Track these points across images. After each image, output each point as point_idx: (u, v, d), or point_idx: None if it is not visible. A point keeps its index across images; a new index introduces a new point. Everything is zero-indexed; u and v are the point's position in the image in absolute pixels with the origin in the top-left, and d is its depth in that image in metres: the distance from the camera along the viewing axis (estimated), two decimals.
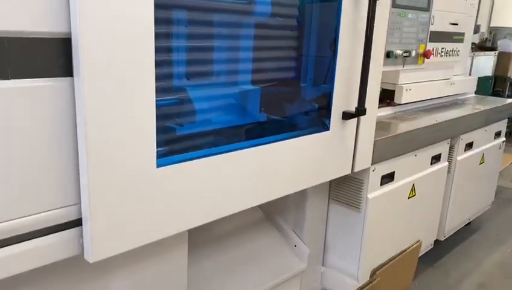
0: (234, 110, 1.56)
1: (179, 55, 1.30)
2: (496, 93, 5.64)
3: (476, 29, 6.23)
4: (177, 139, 1.25)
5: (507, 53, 5.39)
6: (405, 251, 1.52)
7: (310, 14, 1.61)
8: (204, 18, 1.36)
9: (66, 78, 0.96)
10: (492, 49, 5.48)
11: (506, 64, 5.37)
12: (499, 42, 5.61)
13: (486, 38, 5.74)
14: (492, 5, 6.48)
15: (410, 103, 2.46)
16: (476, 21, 6.46)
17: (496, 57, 5.32)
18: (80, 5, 0.90)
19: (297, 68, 1.68)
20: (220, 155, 1.29)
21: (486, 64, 5.29)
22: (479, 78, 5.14)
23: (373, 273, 1.38)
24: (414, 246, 1.55)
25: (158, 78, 1.07)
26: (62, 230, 1.02)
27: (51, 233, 1.01)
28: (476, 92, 4.76)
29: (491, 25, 6.41)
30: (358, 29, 1.56)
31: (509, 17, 6.73)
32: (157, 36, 1.05)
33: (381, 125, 2.12)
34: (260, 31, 1.53)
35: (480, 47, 5.52)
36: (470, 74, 4.87)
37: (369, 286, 1.33)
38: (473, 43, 5.39)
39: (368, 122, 1.75)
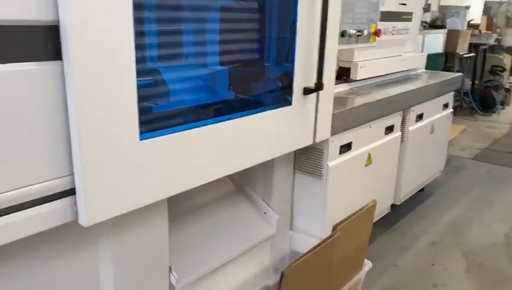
0: (204, 89, 1.69)
1: (153, 39, 1.42)
2: (447, 69, 5.99)
3: (427, 8, 6.55)
4: (156, 117, 1.38)
5: (455, 30, 5.72)
6: (362, 209, 1.72)
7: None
8: (175, 3, 1.47)
9: (56, 61, 1.06)
10: (442, 27, 5.79)
11: (455, 41, 5.70)
12: (447, 20, 5.93)
13: (437, 17, 6.04)
14: None
15: (365, 79, 2.66)
16: (427, 0, 6.80)
17: (445, 34, 5.64)
18: None
19: (261, 49, 1.82)
20: (193, 129, 1.43)
21: (437, 41, 5.60)
22: (431, 55, 5.47)
23: (334, 228, 1.57)
24: (370, 205, 1.75)
25: (136, 60, 1.19)
26: (57, 199, 1.14)
27: (47, 202, 1.13)
28: (429, 68, 5.07)
29: (441, 4, 6.74)
30: (314, 11, 1.72)
31: None
32: (135, 21, 1.16)
33: (339, 100, 2.31)
34: (225, 14, 1.66)
35: (431, 25, 5.83)
36: (422, 51, 5.16)
37: (331, 239, 1.52)
38: (424, 22, 5.69)
39: (327, 97, 1.93)
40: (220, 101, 1.72)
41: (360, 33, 2.13)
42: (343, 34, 2.02)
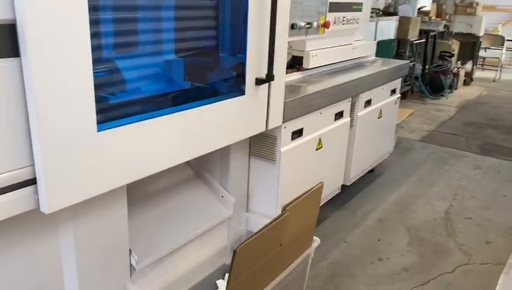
0: (161, 78, 1.77)
1: (108, 29, 1.48)
2: (399, 54, 6.26)
3: None
4: (113, 108, 1.45)
5: (407, 17, 5.96)
6: (310, 190, 1.86)
7: None
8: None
9: (14, 58, 1.12)
10: (395, 14, 6.02)
11: (406, 28, 5.94)
12: (399, 7, 6.16)
13: (390, 4, 6.27)
14: None
15: (317, 67, 2.79)
16: None
17: (397, 21, 5.87)
18: None
19: (216, 39, 1.91)
20: (150, 120, 1.52)
21: (389, 28, 5.83)
22: (384, 41, 5.69)
23: (283, 208, 1.70)
24: (317, 186, 1.89)
25: (92, 52, 1.26)
26: (19, 188, 1.21)
27: (9, 191, 1.19)
28: (381, 54, 5.29)
29: None
30: (264, 5, 1.81)
31: None
32: (90, 17, 1.23)
33: (292, 89, 2.44)
34: (180, 4, 1.73)
35: (384, 12, 6.04)
36: (375, 38, 5.38)
37: (280, 219, 1.65)
38: (378, 9, 5.89)
39: (278, 87, 2.05)
40: (176, 91, 1.80)
41: (309, 25, 2.25)
42: (293, 26, 2.14)
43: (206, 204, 2.23)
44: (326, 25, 2.38)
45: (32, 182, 1.23)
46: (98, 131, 1.31)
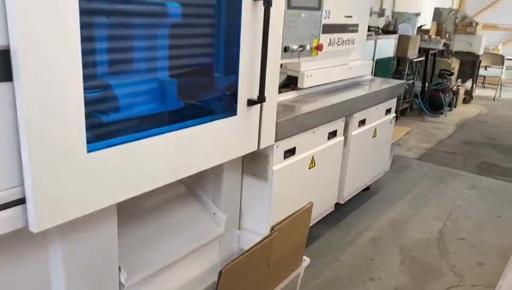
0: (154, 100, 1.80)
1: (101, 55, 1.52)
2: (398, 72, 6.31)
3: (381, 13, 6.87)
4: (104, 129, 1.48)
5: (406, 36, 6.02)
6: (299, 210, 1.88)
7: (218, 16, 1.88)
8: (125, 22, 1.58)
9: (7, 82, 1.16)
10: (394, 32, 6.08)
11: (405, 46, 6.00)
12: (399, 26, 6.23)
13: (390, 22, 6.34)
14: None
15: (312, 87, 2.84)
16: (382, 5, 7.12)
17: (396, 39, 5.93)
18: (17, 23, 1.10)
19: (209, 61, 1.95)
20: (144, 140, 1.55)
21: (389, 46, 5.89)
22: (383, 59, 5.74)
23: (272, 228, 1.73)
24: (307, 206, 1.92)
25: (83, 79, 1.30)
26: (9, 207, 1.24)
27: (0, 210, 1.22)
28: (380, 71, 5.35)
29: (395, 10, 7.06)
30: (256, 30, 1.86)
31: (409, 4, 7.46)
32: (83, 40, 1.27)
33: (286, 108, 2.48)
34: (175, 31, 1.77)
35: (384, 30, 6.11)
36: (374, 56, 5.44)
37: (268, 239, 1.68)
38: (377, 27, 5.96)
39: (270, 107, 2.08)
40: (168, 112, 1.84)
41: (302, 48, 2.29)
42: (286, 49, 2.18)
43: (198, 221, 2.25)
44: (319, 47, 2.43)
45: (22, 201, 1.26)
46: (88, 152, 1.34)
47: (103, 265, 1.68)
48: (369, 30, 5.09)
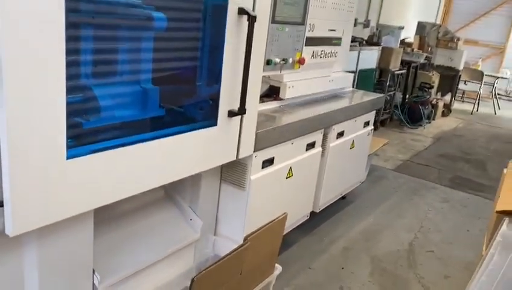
0: (134, 108, 1.83)
1: (85, 63, 1.54)
2: (380, 83, 6.45)
3: (367, 24, 6.99)
4: (84, 137, 1.51)
5: (389, 48, 6.16)
6: (273, 221, 1.94)
7: (203, 27, 1.91)
8: (110, 33, 1.61)
9: None
10: (378, 44, 6.21)
11: (388, 58, 6.14)
12: (383, 38, 6.36)
13: (374, 33, 6.46)
14: (381, 5, 7.27)
15: (293, 97, 2.90)
16: (367, 16, 7.24)
17: (379, 51, 6.06)
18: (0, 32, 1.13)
19: (192, 74, 1.99)
20: (123, 147, 1.58)
21: (372, 57, 6.01)
22: (365, 70, 5.86)
23: (245, 238, 1.78)
24: (281, 217, 1.98)
25: (68, 85, 1.33)
26: None
27: None
28: (362, 82, 5.46)
29: (380, 22, 7.20)
30: (240, 43, 1.91)
31: (393, 17, 7.62)
32: (68, 51, 1.30)
33: (267, 118, 2.53)
34: (160, 41, 1.81)
35: (368, 42, 6.23)
36: (356, 67, 5.54)
37: (241, 249, 1.73)
38: (362, 38, 6.07)
39: (250, 118, 2.13)
40: (150, 120, 1.87)
41: (284, 61, 2.35)
42: (268, 62, 2.23)
43: (175, 226, 2.29)
44: (301, 61, 2.49)
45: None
46: (67, 159, 1.37)
47: (77, 267, 1.71)
48: (353, 41, 5.20)
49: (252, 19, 1.84)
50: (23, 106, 1.22)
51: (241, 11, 1.82)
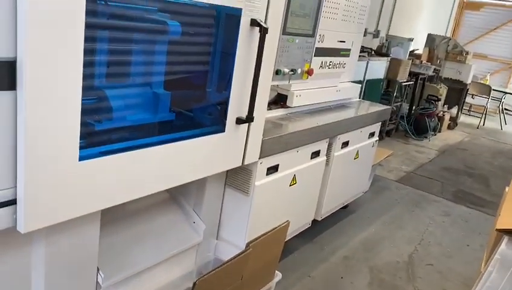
0: (148, 111, 1.88)
1: (100, 69, 1.59)
2: (387, 94, 6.48)
3: (376, 35, 7.02)
4: (96, 140, 1.56)
5: (397, 60, 6.18)
6: (275, 228, 1.97)
7: (216, 36, 1.96)
8: (126, 37, 1.65)
9: (9, 91, 1.23)
10: (386, 55, 6.24)
11: (396, 69, 6.16)
12: (392, 49, 6.39)
13: (383, 44, 6.49)
14: (392, 16, 7.30)
15: (300, 106, 2.93)
16: (377, 26, 7.28)
17: (388, 62, 6.09)
18: (26, 37, 1.18)
19: (203, 81, 2.03)
20: (133, 151, 1.63)
21: (380, 68, 6.04)
22: (373, 80, 5.88)
23: (248, 245, 1.81)
24: (283, 225, 2.01)
25: (84, 89, 1.37)
26: (0, 207, 1.30)
27: None
28: (370, 92, 5.49)
29: (390, 33, 7.23)
30: (251, 53, 1.95)
31: (403, 29, 7.64)
32: (85, 53, 1.34)
33: (274, 125, 2.57)
34: (174, 47, 1.85)
35: (377, 52, 6.26)
36: (364, 77, 5.57)
37: (243, 255, 1.76)
38: (371, 49, 6.11)
39: (257, 126, 2.17)
40: (160, 124, 1.91)
41: (293, 72, 2.39)
42: (277, 72, 2.28)
43: (178, 228, 2.33)
44: (309, 72, 2.53)
45: (13, 202, 1.33)
46: (79, 161, 1.42)
47: (83, 265, 1.75)
48: (362, 51, 5.24)
49: (263, 31, 1.88)
50: (41, 108, 1.27)
51: (254, 23, 1.86)
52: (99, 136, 1.59)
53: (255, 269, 1.91)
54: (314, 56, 2.67)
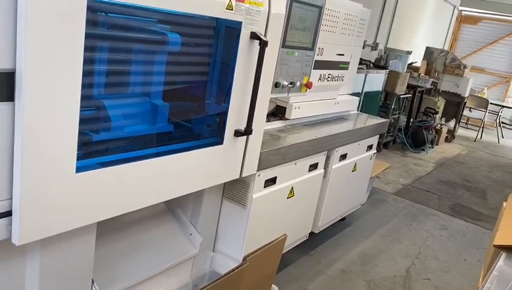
0: (146, 123, 1.88)
1: (99, 80, 1.59)
2: (385, 106, 6.50)
3: (375, 47, 7.06)
4: (94, 151, 1.55)
5: (396, 72, 6.21)
6: (272, 242, 1.96)
7: (215, 48, 1.96)
8: (125, 47, 1.65)
9: (7, 102, 1.22)
10: (385, 67, 6.27)
11: (394, 82, 6.19)
12: (390, 62, 6.42)
13: (382, 57, 6.53)
14: (390, 29, 7.35)
15: (299, 118, 2.94)
16: (376, 39, 7.31)
17: (386, 75, 6.12)
18: (25, 49, 1.17)
19: (201, 93, 2.03)
20: (130, 163, 1.62)
21: (378, 80, 6.07)
22: (371, 92, 5.91)
23: (244, 258, 1.80)
24: (280, 238, 2.00)
25: (82, 101, 1.37)
26: None
27: None
28: (368, 104, 5.50)
29: (388, 46, 7.27)
30: (250, 66, 1.95)
31: (401, 42, 7.70)
32: (84, 63, 1.34)
33: (272, 137, 2.57)
34: (173, 59, 1.85)
35: (375, 65, 6.29)
36: (362, 89, 5.59)
37: (240, 269, 1.75)
38: (369, 61, 6.14)
39: (256, 138, 2.17)
40: (158, 136, 1.90)
41: (292, 85, 2.40)
42: (276, 84, 2.28)
43: (174, 240, 2.31)
44: (308, 85, 2.53)
45: (8, 214, 1.31)
46: (76, 172, 1.41)
47: (77, 277, 1.73)
48: (361, 63, 5.26)
49: (263, 44, 1.88)
50: (39, 119, 1.26)
51: (254, 36, 1.87)
52: (96, 147, 1.58)
53: (251, 283, 1.89)
54: (313, 69, 2.68)
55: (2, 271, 1.50)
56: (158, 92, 1.90)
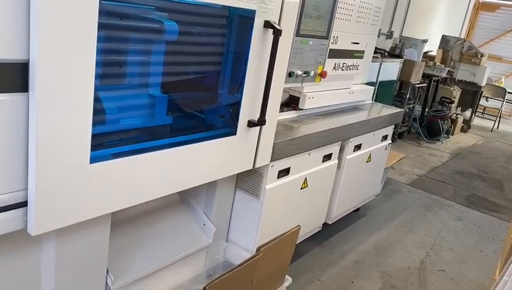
0: (160, 113, 1.87)
1: (113, 70, 1.58)
2: (400, 95, 6.41)
3: (390, 36, 6.94)
4: (108, 142, 1.55)
5: (411, 61, 6.11)
6: (286, 233, 1.95)
7: (229, 38, 1.94)
8: (143, 37, 1.64)
9: (22, 93, 1.22)
10: (400, 56, 6.17)
11: (409, 71, 6.09)
12: (405, 51, 6.31)
13: (396, 45, 6.42)
14: (405, 17, 7.21)
15: (313, 108, 2.90)
16: (391, 27, 7.20)
17: (401, 64, 6.02)
18: (38, 39, 1.17)
19: (215, 83, 2.01)
20: (144, 154, 1.62)
21: (393, 69, 5.97)
22: (386, 81, 5.82)
23: (258, 249, 1.79)
24: (294, 229, 1.99)
25: (96, 91, 1.36)
26: (11, 209, 1.30)
27: (2, 211, 1.28)
28: (382, 93, 5.42)
29: (403, 34, 7.15)
30: (264, 55, 1.93)
31: (416, 30, 7.55)
32: (97, 53, 1.33)
33: (285, 127, 2.54)
34: (188, 48, 1.84)
35: (390, 54, 6.19)
36: (377, 78, 5.51)
37: (253, 260, 1.74)
38: (384, 50, 6.04)
39: (269, 129, 2.15)
40: (171, 127, 1.90)
41: (306, 74, 2.36)
42: (290, 74, 2.25)
43: (188, 230, 2.31)
44: (323, 74, 2.50)
45: (24, 204, 1.32)
46: (90, 163, 1.41)
47: (92, 267, 1.74)
48: (375, 52, 5.18)
49: (277, 32, 1.85)
50: (53, 110, 1.26)
51: (267, 24, 1.84)
52: (109, 140, 1.58)
53: (265, 274, 1.89)
54: (328, 58, 2.64)
55: (18, 261, 1.51)
56: (170, 82, 1.89)
